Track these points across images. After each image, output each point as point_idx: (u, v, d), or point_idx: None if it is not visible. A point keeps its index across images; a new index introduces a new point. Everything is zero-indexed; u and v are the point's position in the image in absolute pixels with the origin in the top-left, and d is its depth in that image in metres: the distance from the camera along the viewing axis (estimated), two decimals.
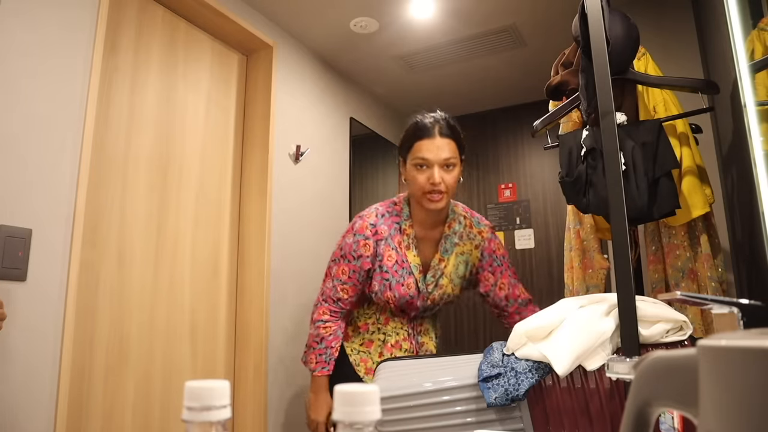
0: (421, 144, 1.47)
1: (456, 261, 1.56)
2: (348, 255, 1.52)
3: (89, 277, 1.67)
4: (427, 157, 1.45)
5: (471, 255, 1.58)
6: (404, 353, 1.57)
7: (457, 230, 1.57)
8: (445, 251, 1.55)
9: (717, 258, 1.57)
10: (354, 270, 1.51)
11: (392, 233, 1.52)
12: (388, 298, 1.52)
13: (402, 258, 1.52)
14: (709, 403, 0.30)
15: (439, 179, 1.44)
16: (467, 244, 1.58)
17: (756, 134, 1.13)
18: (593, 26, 1.09)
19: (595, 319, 1.01)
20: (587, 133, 1.46)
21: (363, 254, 1.51)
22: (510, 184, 3.42)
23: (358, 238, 1.52)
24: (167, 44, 2.06)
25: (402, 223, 1.54)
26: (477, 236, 1.59)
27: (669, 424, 0.85)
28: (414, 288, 1.53)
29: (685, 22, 2.20)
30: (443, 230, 1.57)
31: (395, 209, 1.57)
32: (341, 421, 0.37)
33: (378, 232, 1.52)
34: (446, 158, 1.46)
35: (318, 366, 1.52)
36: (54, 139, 1.54)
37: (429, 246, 1.57)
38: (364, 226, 1.53)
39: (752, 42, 1.20)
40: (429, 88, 3.24)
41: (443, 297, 1.57)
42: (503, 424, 1.01)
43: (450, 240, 1.56)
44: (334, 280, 1.54)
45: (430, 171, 1.45)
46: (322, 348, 1.53)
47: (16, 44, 1.46)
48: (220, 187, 2.24)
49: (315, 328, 1.55)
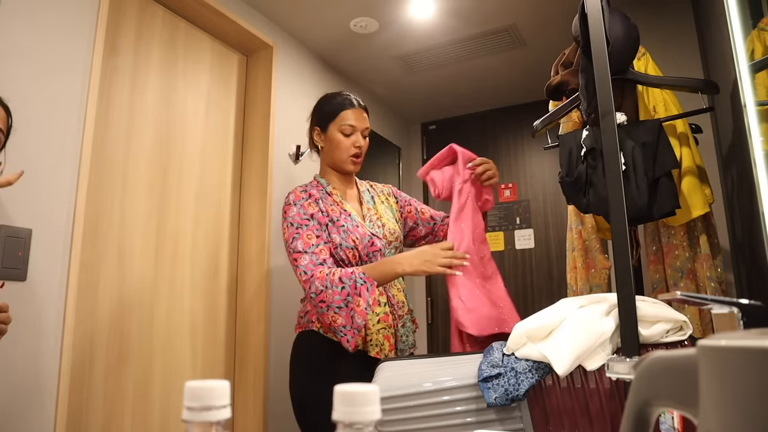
0: (348, 113, 1.67)
1: (381, 207, 1.74)
2: (302, 222, 1.56)
3: (89, 277, 1.67)
4: (354, 124, 1.66)
5: (388, 202, 1.78)
6: (383, 307, 1.54)
7: (367, 188, 1.78)
8: (368, 202, 1.73)
9: (716, 258, 1.57)
10: (317, 230, 1.56)
11: (322, 196, 1.66)
12: (354, 243, 1.55)
13: (341, 209, 1.63)
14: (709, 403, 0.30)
15: (362, 143, 1.67)
16: (381, 196, 1.79)
17: (756, 134, 1.13)
18: (593, 26, 1.09)
19: (595, 319, 1.01)
20: (587, 133, 1.46)
21: (312, 212, 1.59)
22: (510, 184, 3.42)
23: (301, 203, 1.60)
24: (167, 44, 2.06)
25: (325, 188, 1.68)
26: (384, 188, 1.84)
27: (669, 424, 0.85)
28: (366, 229, 1.61)
29: (685, 22, 2.20)
30: (357, 189, 1.77)
31: (313, 183, 1.71)
32: (341, 421, 0.37)
33: (311, 195, 1.64)
34: (365, 126, 1.70)
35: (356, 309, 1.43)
36: (54, 140, 1.54)
37: (353, 201, 1.72)
38: (297, 194, 1.63)
39: (752, 42, 1.20)
40: (429, 88, 3.24)
41: (393, 234, 1.68)
42: (503, 424, 1.01)
43: (366, 194, 1.75)
44: (307, 251, 1.50)
45: (356, 136, 1.67)
46: (343, 290, 1.43)
47: (16, 44, 1.46)
48: (220, 187, 2.24)
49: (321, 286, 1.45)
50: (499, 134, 3.52)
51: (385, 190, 1.83)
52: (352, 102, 1.69)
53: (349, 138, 1.66)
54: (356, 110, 1.68)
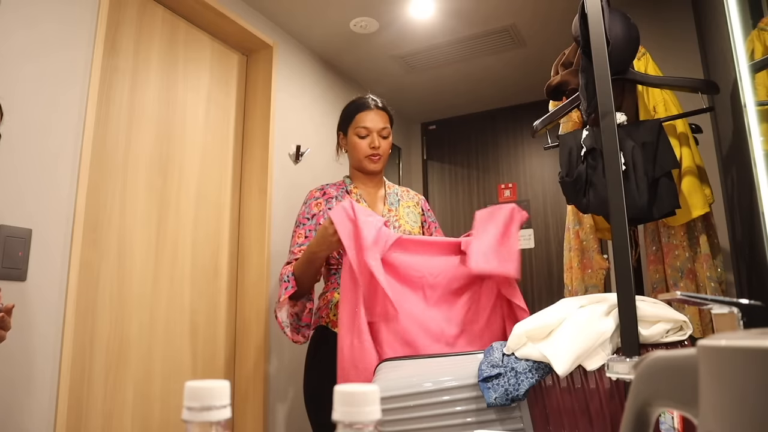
0: (362, 115, 1.73)
1: (405, 211, 1.77)
2: (302, 221, 1.68)
3: (89, 277, 1.67)
4: (367, 126, 1.72)
5: (415, 209, 1.81)
6: None
7: (396, 191, 1.82)
8: (392, 204, 1.76)
9: (716, 258, 1.57)
10: (309, 230, 1.64)
11: (340, 194, 1.73)
12: None
13: None
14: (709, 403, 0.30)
15: (378, 143, 1.71)
16: (409, 202, 1.81)
17: (756, 134, 1.13)
18: (593, 26, 1.09)
19: (595, 319, 1.01)
20: (587, 133, 1.46)
21: (315, 213, 1.67)
22: (510, 184, 3.42)
23: (310, 202, 1.71)
24: (167, 44, 2.06)
25: (347, 187, 1.76)
26: (414, 197, 1.86)
27: (669, 424, 0.85)
28: None
29: (685, 22, 2.20)
30: (384, 191, 1.80)
31: (338, 183, 1.79)
32: (341, 421, 0.37)
33: (326, 193, 1.73)
34: (382, 128, 1.73)
35: (287, 285, 1.52)
36: (54, 140, 1.54)
37: (376, 202, 1.76)
38: (313, 193, 1.75)
39: (752, 42, 1.20)
40: (429, 88, 3.24)
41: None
42: (503, 424, 1.01)
43: (393, 196, 1.79)
44: (293, 247, 1.65)
45: (371, 137, 1.72)
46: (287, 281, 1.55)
47: (16, 45, 1.46)
48: (220, 187, 2.24)
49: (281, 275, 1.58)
50: (499, 134, 3.52)
51: (415, 198, 1.85)
52: (367, 104, 1.74)
53: (365, 139, 1.72)
54: (371, 112, 1.73)
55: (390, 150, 1.78)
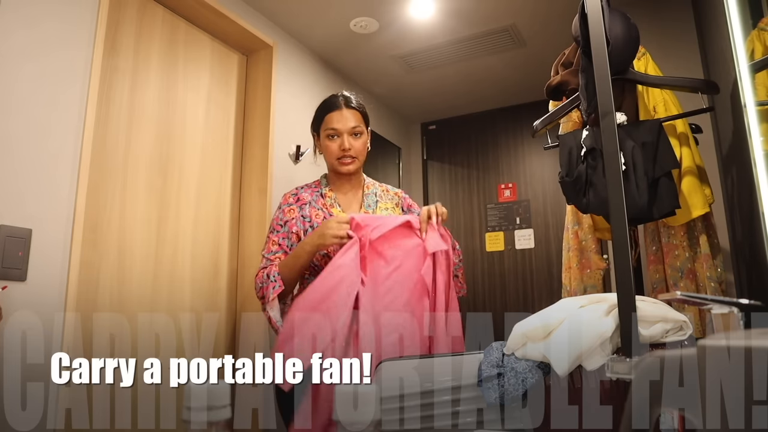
0: (331, 116, 1.64)
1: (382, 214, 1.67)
2: (275, 227, 1.62)
3: (89, 277, 1.67)
4: (335, 127, 1.62)
5: (394, 211, 1.71)
6: None
7: (376, 191, 1.72)
8: (368, 206, 1.68)
9: (716, 258, 1.57)
10: (283, 237, 1.58)
11: (314, 198, 1.65)
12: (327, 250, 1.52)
13: (328, 212, 1.61)
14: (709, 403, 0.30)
15: (348, 145, 1.61)
16: (388, 203, 1.72)
17: (756, 134, 1.13)
18: (593, 26, 1.09)
19: (595, 319, 1.01)
20: (587, 133, 1.46)
21: (288, 219, 1.60)
22: (510, 184, 3.42)
23: (283, 208, 1.64)
24: (167, 44, 2.06)
25: (322, 189, 1.68)
26: (394, 197, 1.75)
27: (669, 424, 0.85)
28: None
29: (685, 22, 2.20)
30: (362, 191, 1.71)
31: (314, 184, 1.72)
32: (341, 421, 0.37)
33: (300, 199, 1.64)
34: (353, 127, 1.63)
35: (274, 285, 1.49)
36: (54, 140, 1.54)
37: (352, 204, 1.68)
38: (287, 198, 1.66)
39: (752, 42, 1.20)
40: (429, 88, 3.23)
41: None
42: (503, 424, 1.01)
43: (371, 197, 1.70)
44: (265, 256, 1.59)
45: (341, 139, 1.62)
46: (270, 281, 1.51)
47: (16, 45, 1.46)
48: (220, 187, 2.24)
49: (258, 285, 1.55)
50: (499, 134, 3.52)
51: (395, 198, 1.75)
52: (335, 104, 1.65)
53: (335, 141, 1.63)
54: (340, 112, 1.63)
55: (366, 149, 1.68)
